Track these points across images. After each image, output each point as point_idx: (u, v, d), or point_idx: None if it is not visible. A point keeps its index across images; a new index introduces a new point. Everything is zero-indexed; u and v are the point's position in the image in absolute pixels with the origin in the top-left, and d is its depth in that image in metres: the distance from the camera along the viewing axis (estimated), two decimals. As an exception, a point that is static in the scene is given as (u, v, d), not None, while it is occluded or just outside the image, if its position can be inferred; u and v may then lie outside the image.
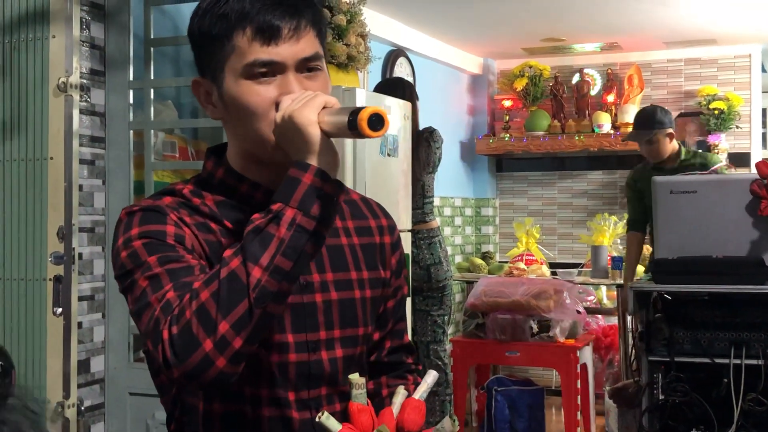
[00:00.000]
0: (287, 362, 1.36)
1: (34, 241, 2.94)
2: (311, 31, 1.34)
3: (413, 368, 1.58)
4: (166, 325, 1.21)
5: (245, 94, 1.32)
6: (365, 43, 4.61)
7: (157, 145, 3.44)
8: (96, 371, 3.31)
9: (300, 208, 1.21)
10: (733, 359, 2.87)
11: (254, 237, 1.21)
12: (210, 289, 1.20)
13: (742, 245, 3.00)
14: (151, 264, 1.28)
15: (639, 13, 5.88)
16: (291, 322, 1.37)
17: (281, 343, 1.36)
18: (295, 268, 1.22)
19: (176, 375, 1.21)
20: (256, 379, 1.35)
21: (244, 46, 1.31)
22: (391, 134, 4.54)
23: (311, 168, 1.22)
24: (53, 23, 2.89)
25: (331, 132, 1.22)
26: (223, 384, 1.23)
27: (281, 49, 1.31)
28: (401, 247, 1.58)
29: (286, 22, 1.31)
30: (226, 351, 1.19)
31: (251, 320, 1.19)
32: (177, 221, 1.34)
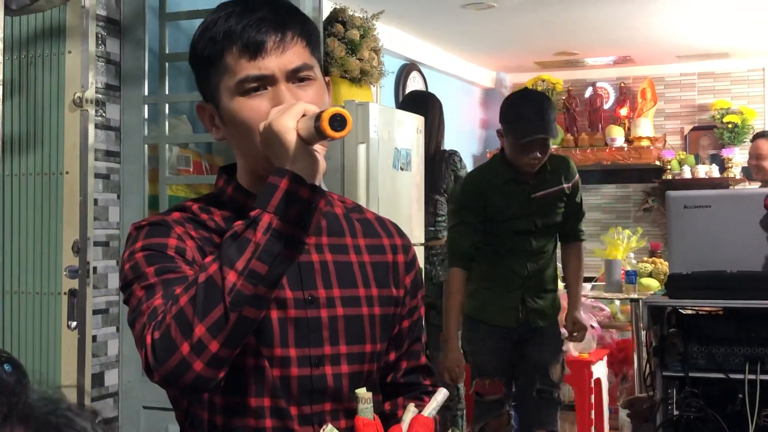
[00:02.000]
0: (289, 376, 1.38)
1: (49, 255, 2.96)
2: (299, 43, 1.37)
3: (431, 390, 1.57)
4: (149, 330, 1.25)
5: (240, 111, 1.36)
6: (378, 58, 4.63)
7: (171, 159, 3.45)
8: (110, 385, 3.32)
9: (276, 213, 1.23)
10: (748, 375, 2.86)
11: (232, 242, 1.24)
12: (188, 294, 1.23)
13: (757, 260, 2.98)
14: (148, 274, 1.32)
15: (651, 26, 5.88)
16: (295, 337, 1.38)
17: (284, 357, 1.37)
18: (270, 272, 1.23)
19: (157, 379, 1.24)
20: (259, 392, 1.37)
21: (234, 64, 1.35)
22: (404, 148, 4.55)
23: (287, 173, 1.24)
24: (69, 39, 2.91)
25: (307, 138, 1.24)
26: (202, 388, 1.25)
27: (268, 61, 1.34)
28: (417, 267, 1.57)
29: (270, 35, 1.34)
30: (202, 354, 1.21)
31: (227, 324, 1.21)
32: (181, 235, 1.38)
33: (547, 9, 5.45)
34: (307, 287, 1.40)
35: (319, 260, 1.43)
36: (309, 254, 1.42)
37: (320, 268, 1.43)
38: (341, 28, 4.44)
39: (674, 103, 7.22)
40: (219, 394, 1.37)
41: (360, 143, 4.21)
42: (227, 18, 1.37)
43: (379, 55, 4.66)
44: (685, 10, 5.45)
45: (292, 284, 1.39)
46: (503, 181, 3.47)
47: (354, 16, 4.54)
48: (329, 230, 1.47)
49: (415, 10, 5.44)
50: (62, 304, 2.90)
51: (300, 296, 1.40)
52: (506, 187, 3.47)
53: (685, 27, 5.90)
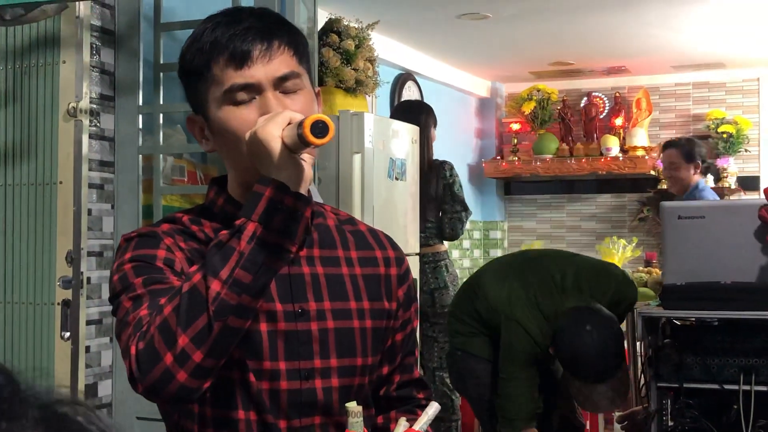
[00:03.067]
0: (278, 389, 1.37)
1: (42, 265, 2.95)
2: (286, 52, 1.37)
3: (424, 403, 1.55)
4: (134, 341, 1.24)
5: (228, 120, 1.35)
6: (373, 68, 4.63)
7: (166, 169, 3.45)
8: (103, 395, 3.30)
9: (260, 221, 1.23)
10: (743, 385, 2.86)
11: (216, 251, 1.23)
12: (173, 304, 1.23)
13: (751, 271, 2.99)
14: (136, 285, 1.32)
15: (647, 37, 5.90)
16: (284, 350, 1.37)
17: (273, 370, 1.36)
18: (255, 282, 1.22)
19: (140, 390, 1.24)
20: (246, 405, 1.36)
21: (221, 74, 1.35)
22: (399, 158, 4.55)
23: (272, 182, 1.24)
24: (64, 49, 2.91)
25: (292, 146, 1.23)
26: (186, 399, 1.24)
27: (254, 70, 1.34)
28: (410, 280, 1.56)
29: (256, 44, 1.34)
30: (186, 365, 1.21)
31: (211, 334, 1.21)
32: (170, 246, 1.38)
33: (542, 19, 5.46)
34: (297, 300, 1.39)
35: (310, 272, 1.42)
36: (300, 266, 1.42)
37: (311, 281, 1.42)
38: (336, 38, 4.44)
39: (669, 112, 7.24)
40: (209, 407, 1.37)
41: (355, 153, 4.21)
42: (214, 29, 1.37)
43: (374, 65, 4.66)
44: (680, 20, 5.46)
45: (283, 297, 1.39)
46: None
47: (349, 26, 4.55)
48: (321, 242, 1.46)
49: (411, 20, 5.45)
50: (56, 315, 2.90)
51: (290, 309, 1.39)
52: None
53: (680, 37, 5.91)
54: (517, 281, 3.30)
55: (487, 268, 3.59)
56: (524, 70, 7.08)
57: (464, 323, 3.44)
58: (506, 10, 5.23)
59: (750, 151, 7.00)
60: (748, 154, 7.00)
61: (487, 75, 7.31)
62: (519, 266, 3.42)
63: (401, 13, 5.24)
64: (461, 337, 3.45)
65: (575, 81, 7.35)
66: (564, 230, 7.37)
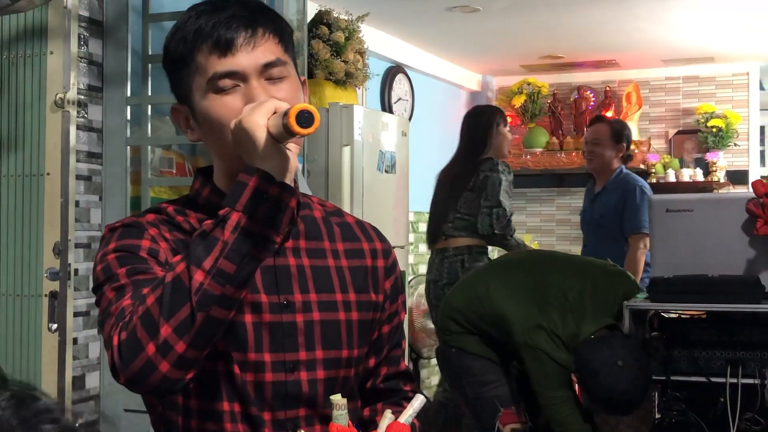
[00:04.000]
0: (263, 381, 1.36)
1: (30, 256, 2.94)
2: (271, 39, 1.36)
3: (410, 396, 1.55)
4: (116, 331, 1.23)
5: (213, 109, 1.35)
6: (363, 60, 4.63)
7: (154, 161, 3.44)
8: (91, 387, 3.30)
9: (245, 211, 1.22)
10: (730, 378, 2.87)
11: (200, 242, 1.22)
12: (155, 294, 1.22)
13: (739, 264, 2.99)
14: (119, 275, 1.31)
15: (637, 31, 5.90)
16: (269, 342, 1.36)
17: (258, 362, 1.36)
18: (238, 272, 1.21)
19: (122, 380, 1.23)
20: (232, 397, 1.35)
21: (205, 62, 1.34)
22: (389, 151, 4.55)
23: (256, 171, 1.23)
24: (51, 39, 2.90)
25: (277, 135, 1.22)
26: (168, 390, 1.24)
27: (238, 58, 1.33)
28: (397, 272, 1.56)
29: (240, 32, 1.33)
30: (168, 355, 1.20)
31: (194, 324, 1.20)
32: (154, 236, 1.37)
33: (533, 13, 5.46)
34: (283, 291, 1.39)
35: (296, 264, 1.41)
36: (286, 258, 1.41)
37: (297, 273, 1.41)
38: (326, 30, 4.43)
39: (659, 106, 7.25)
40: (193, 398, 1.36)
41: (344, 145, 4.21)
42: (197, 17, 1.36)
43: (364, 58, 4.65)
44: (670, 14, 5.47)
45: (268, 288, 1.38)
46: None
47: (339, 18, 4.54)
48: (307, 234, 1.45)
49: (401, 12, 5.44)
50: (43, 307, 2.89)
51: (275, 300, 1.38)
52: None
53: (670, 31, 5.92)
54: (534, 306, 3.18)
55: (492, 274, 3.45)
56: (515, 64, 7.08)
57: (459, 323, 3.38)
58: (497, 4, 5.22)
59: (739, 146, 7.02)
60: (737, 148, 7.02)
61: (477, 68, 7.30)
62: (532, 283, 3.28)
63: (391, 5, 5.23)
64: (454, 335, 3.39)
65: (566, 75, 7.35)
66: (554, 224, 7.38)
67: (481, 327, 3.32)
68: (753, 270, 2.98)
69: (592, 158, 4.72)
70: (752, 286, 2.92)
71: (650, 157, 6.97)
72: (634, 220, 4.52)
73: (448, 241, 4.45)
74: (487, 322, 3.29)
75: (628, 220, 4.55)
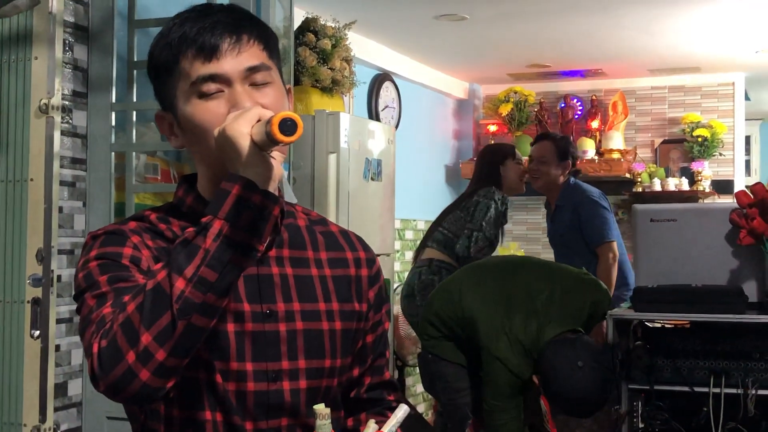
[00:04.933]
0: (245, 391, 1.35)
1: (12, 262, 2.92)
2: (256, 45, 1.36)
3: (394, 405, 1.53)
4: (97, 339, 1.22)
5: (197, 113, 1.34)
6: (350, 68, 4.63)
7: (139, 167, 3.42)
8: (73, 395, 3.28)
9: (227, 219, 1.21)
10: (713, 388, 2.88)
11: (182, 249, 1.22)
12: (136, 301, 1.21)
13: (722, 274, 3.01)
14: (100, 283, 1.30)
15: (624, 40, 5.93)
16: (252, 351, 1.36)
17: (240, 371, 1.35)
18: (220, 280, 1.21)
19: (102, 388, 1.22)
20: (214, 406, 1.35)
21: (189, 67, 1.34)
22: (375, 158, 4.55)
23: (239, 179, 1.22)
24: (36, 45, 2.88)
25: (260, 143, 1.22)
26: (148, 398, 1.23)
27: (223, 62, 1.33)
28: (381, 281, 1.55)
29: (225, 37, 1.34)
30: (149, 363, 1.19)
31: (174, 332, 1.19)
32: (137, 244, 1.36)
33: (519, 21, 5.48)
34: (265, 300, 1.38)
35: (279, 273, 1.41)
36: (269, 267, 1.40)
37: (280, 282, 1.40)
38: (313, 37, 4.43)
39: (645, 116, 7.28)
40: (175, 407, 1.35)
41: (330, 153, 4.21)
42: (182, 24, 1.36)
43: (351, 65, 4.65)
44: (656, 24, 5.49)
45: (251, 297, 1.37)
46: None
47: (326, 25, 4.54)
48: (291, 243, 1.45)
49: (388, 20, 5.44)
50: (25, 313, 2.86)
51: (258, 309, 1.37)
52: None
53: (656, 41, 5.95)
54: (501, 310, 3.23)
55: (465, 277, 3.51)
56: (502, 72, 7.09)
57: (435, 327, 3.43)
58: (484, 12, 5.23)
59: (724, 155, 7.06)
60: (722, 158, 7.05)
61: (464, 76, 7.32)
62: (501, 287, 3.33)
63: (379, 13, 5.23)
64: (432, 340, 3.44)
65: (552, 83, 7.38)
66: (540, 232, 7.38)
67: (455, 331, 3.36)
68: (736, 280, 3.00)
69: (537, 177, 4.58)
70: (735, 296, 2.93)
71: (636, 166, 7.00)
72: (595, 232, 4.40)
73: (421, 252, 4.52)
74: (459, 326, 3.34)
75: (588, 235, 4.42)
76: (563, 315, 3.19)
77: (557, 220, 4.61)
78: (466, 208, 4.43)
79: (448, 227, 4.45)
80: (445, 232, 4.44)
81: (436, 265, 4.41)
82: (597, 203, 4.45)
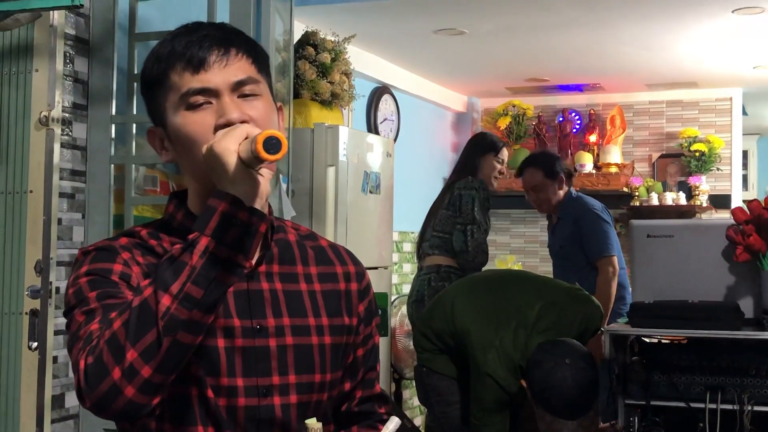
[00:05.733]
0: (236, 406, 1.36)
1: (11, 274, 2.93)
2: (244, 59, 1.38)
3: (385, 418, 1.56)
4: (83, 355, 1.23)
5: (185, 125, 1.36)
6: (349, 81, 4.65)
7: (138, 179, 3.43)
8: (70, 407, 3.28)
9: (214, 236, 1.22)
10: (709, 404, 2.88)
11: (168, 266, 1.22)
12: (122, 318, 1.22)
13: (718, 290, 3.01)
14: (89, 299, 1.31)
15: (622, 55, 5.95)
16: (242, 366, 1.37)
17: (231, 386, 1.36)
18: (206, 297, 1.21)
19: (88, 405, 1.23)
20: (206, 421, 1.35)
21: (177, 80, 1.36)
22: (374, 171, 4.56)
23: (226, 196, 1.23)
24: (37, 57, 2.90)
25: (247, 161, 1.23)
26: (134, 415, 1.23)
27: (211, 74, 1.35)
28: (371, 295, 1.57)
29: (213, 50, 1.35)
30: (134, 380, 1.20)
31: (160, 349, 1.20)
32: (127, 260, 1.37)
33: (518, 36, 5.50)
34: (255, 316, 1.39)
35: (269, 288, 1.42)
36: (259, 282, 1.41)
37: (270, 297, 1.41)
38: (312, 51, 4.45)
39: (643, 130, 7.30)
40: (167, 423, 1.36)
41: (329, 166, 4.22)
42: (172, 40, 1.38)
43: (350, 79, 4.67)
44: (654, 39, 5.52)
45: (241, 313, 1.38)
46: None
47: (325, 39, 4.56)
48: (280, 258, 1.46)
49: (387, 34, 5.47)
50: (23, 324, 2.87)
51: (248, 325, 1.38)
52: None
53: (654, 56, 5.97)
54: (492, 324, 3.25)
55: (458, 292, 3.51)
56: (500, 86, 7.12)
57: (430, 340, 3.44)
58: (483, 27, 5.25)
59: (722, 170, 7.07)
60: (719, 172, 7.07)
61: (463, 90, 7.34)
62: (493, 301, 3.34)
63: (378, 26, 5.25)
64: (427, 353, 3.46)
65: (550, 97, 7.40)
66: (537, 245, 7.39)
67: (448, 344, 3.38)
68: (732, 296, 3.00)
69: (539, 204, 4.58)
70: (732, 312, 2.94)
71: (634, 181, 7.01)
72: (595, 246, 4.37)
73: (424, 260, 4.46)
74: (452, 339, 3.36)
75: (588, 249, 4.39)
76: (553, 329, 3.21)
77: (558, 231, 4.60)
78: (451, 205, 4.39)
79: (441, 228, 4.41)
80: (440, 234, 4.41)
81: (445, 271, 4.37)
82: (599, 216, 4.44)
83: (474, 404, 3.28)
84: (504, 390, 3.20)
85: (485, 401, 3.24)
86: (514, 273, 3.90)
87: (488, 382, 3.21)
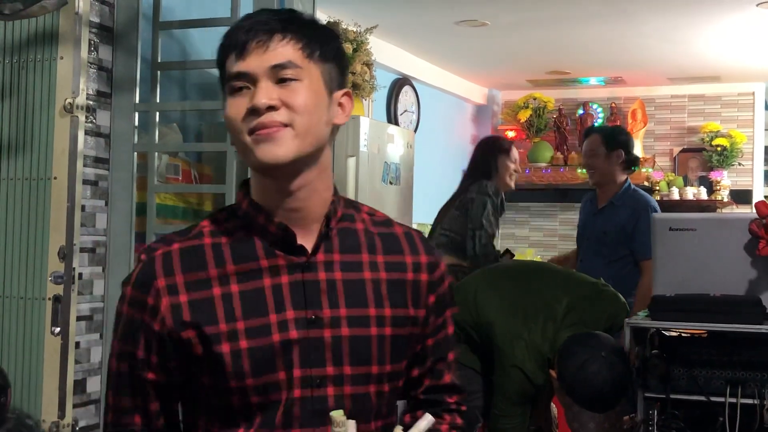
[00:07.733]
0: (292, 398, 1.35)
1: (34, 260, 2.95)
2: (291, 43, 1.35)
3: (453, 408, 1.55)
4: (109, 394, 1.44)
5: (227, 109, 1.37)
6: (371, 72, 4.65)
7: (160, 167, 3.45)
8: (92, 392, 3.30)
9: None
10: (729, 398, 2.87)
11: None
12: None
13: (740, 284, 2.99)
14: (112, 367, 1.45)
15: (644, 49, 5.92)
16: (298, 357, 1.36)
17: (287, 378, 1.35)
18: None
19: None
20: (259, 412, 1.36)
21: (229, 66, 1.37)
22: (394, 162, 4.57)
23: None
24: (62, 45, 2.92)
25: None
26: None
27: (249, 60, 1.35)
28: (444, 285, 1.52)
29: (258, 35, 1.35)
30: None
31: None
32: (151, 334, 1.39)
33: (540, 28, 5.48)
34: (311, 306, 1.37)
35: (327, 278, 1.39)
36: (316, 272, 1.39)
37: (327, 287, 1.39)
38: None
39: (664, 124, 7.26)
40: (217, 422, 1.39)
41: (350, 156, 4.23)
42: (232, 27, 1.40)
43: (372, 69, 4.68)
44: (677, 33, 5.49)
45: (296, 304, 1.37)
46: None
47: (347, 29, 4.56)
48: (342, 246, 1.42)
49: (409, 25, 5.46)
50: (46, 310, 2.89)
51: (302, 316, 1.37)
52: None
53: (676, 50, 5.94)
54: (519, 315, 3.22)
55: (481, 281, 3.47)
56: (521, 78, 7.10)
57: None
58: (505, 18, 5.24)
59: (743, 165, 7.03)
60: (741, 167, 7.03)
61: (484, 82, 7.33)
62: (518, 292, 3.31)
63: (400, 17, 5.25)
64: None
65: (571, 90, 7.37)
66: (556, 239, 7.38)
67: (468, 333, 3.36)
68: (754, 290, 2.98)
69: (592, 172, 4.48)
70: (753, 307, 2.92)
71: (654, 175, 6.98)
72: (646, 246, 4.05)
73: None
74: (473, 328, 3.34)
75: (638, 247, 4.25)
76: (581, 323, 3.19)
77: (604, 217, 4.44)
78: (462, 206, 4.39)
79: (450, 227, 4.40)
80: (448, 233, 4.40)
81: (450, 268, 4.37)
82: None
83: (498, 395, 3.26)
84: (531, 382, 3.19)
85: (510, 393, 3.23)
86: (535, 265, 3.87)
87: (515, 374, 3.19)
